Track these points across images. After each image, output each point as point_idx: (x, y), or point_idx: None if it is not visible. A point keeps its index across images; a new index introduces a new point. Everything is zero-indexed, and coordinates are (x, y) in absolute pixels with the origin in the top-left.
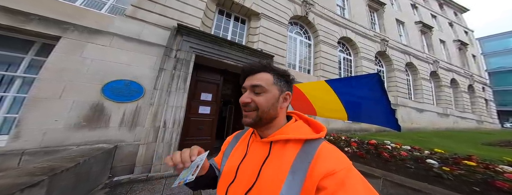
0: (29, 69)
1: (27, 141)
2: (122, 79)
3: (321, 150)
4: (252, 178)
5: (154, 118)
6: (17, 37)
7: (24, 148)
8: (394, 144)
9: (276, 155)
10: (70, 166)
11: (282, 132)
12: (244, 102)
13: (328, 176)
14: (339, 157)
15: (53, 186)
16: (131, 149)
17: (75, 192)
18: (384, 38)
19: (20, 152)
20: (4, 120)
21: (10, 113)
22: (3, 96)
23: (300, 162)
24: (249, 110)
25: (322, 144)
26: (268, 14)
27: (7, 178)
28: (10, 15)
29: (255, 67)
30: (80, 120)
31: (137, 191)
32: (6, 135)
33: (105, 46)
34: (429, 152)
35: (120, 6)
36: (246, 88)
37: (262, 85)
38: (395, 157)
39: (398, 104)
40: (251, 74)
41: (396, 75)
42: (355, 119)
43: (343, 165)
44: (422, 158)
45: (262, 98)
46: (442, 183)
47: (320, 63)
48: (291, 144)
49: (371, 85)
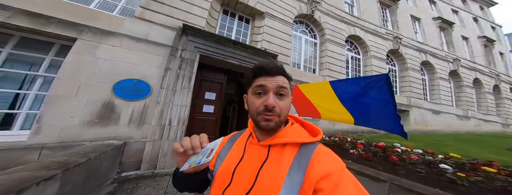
0: (50, 68)
1: (47, 136)
2: (131, 78)
3: (317, 153)
4: (250, 182)
5: (160, 116)
6: (39, 39)
7: (44, 142)
8: (405, 147)
9: (274, 158)
10: (82, 161)
11: (281, 135)
12: (272, 106)
13: (324, 178)
14: (333, 159)
15: (66, 180)
16: (138, 146)
17: (86, 186)
18: (397, 35)
19: (40, 146)
20: (27, 116)
21: (32, 110)
22: (26, 93)
23: (298, 165)
24: (273, 115)
25: (318, 147)
26: (273, 13)
27: (26, 171)
28: (32, 18)
29: (276, 68)
30: (93, 117)
31: (143, 187)
32: (28, 130)
33: (116, 46)
34: (443, 157)
35: (130, 7)
36: (269, 88)
37: (288, 88)
38: (405, 160)
39: (411, 105)
40: (271, 75)
41: (410, 75)
42: (362, 123)
43: (337, 167)
44: (435, 162)
45: (285, 102)
46: (455, 189)
47: (326, 63)
48: (288, 148)
49: (380, 86)
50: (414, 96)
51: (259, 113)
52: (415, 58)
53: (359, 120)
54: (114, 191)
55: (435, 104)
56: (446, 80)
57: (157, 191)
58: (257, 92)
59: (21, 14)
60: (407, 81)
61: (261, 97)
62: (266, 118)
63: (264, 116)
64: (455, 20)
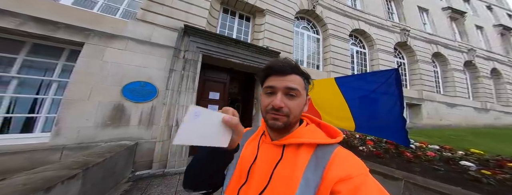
0: (63, 73)
1: (66, 137)
2: (138, 81)
3: (336, 155)
4: (264, 181)
5: (168, 117)
6: (49, 44)
7: (64, 144)
8: (419, 143)
9: (289, 158)
10: (99, 161)
11: (296, 135)
12: (278, 107)
13: (343, 181)
14: (355, 162)
15: (86, 179)
16: (149, 146)
17: (104, 185)
18: (405, 28)
19: (61, 147)
20: (46, 119)
21: (50, 113)
22: (43, 98)
23: (314, 166)
24: (280, 115)
25: (337, 149)
26: (273, 10)
27: (51, 171)
28: (41, 24)
29: (288, 67)
30: (106, 119)
31: (155, 186)
32: (48, 133)
33: (122, 49)
34: (463, 153)
35: (132, 10)
36: (277, 89)
37: (298, 89)
38: (420, 157)
39: (423, 98)
40: (282, 74)
41: (421, 67)
42: (364, 130)
43: (360, 171)
44: (454, 159)
45: (295, 103)
46: (480, 188)
47: (330, 58)
48: (304, 148)
49: (389, 83)
50: (426, 89)
51: (267, 111)
52: (425, 50)
53: (360, 126)
54: (130, 189)
55: (450, 97)
56: (461, 71)
57: (168, 189)
58: (268, 92)
59: (30, 21)
60: (417, 74)
61: (270, 97)
62: (273, 117)
63: (271, 115)
64: (467, 9)
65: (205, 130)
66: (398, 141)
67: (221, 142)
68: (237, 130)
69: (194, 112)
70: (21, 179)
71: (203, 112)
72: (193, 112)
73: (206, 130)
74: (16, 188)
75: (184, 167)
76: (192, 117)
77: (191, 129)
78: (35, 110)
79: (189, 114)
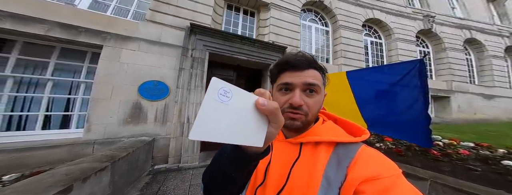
0: (88, 75)
1: (95, 133)
2: (152, 80)
3: (361, 153)
4: (281, 181)
5: (179, 114)
6: (75, 48)
7: (95, 139)
8: (448, 140)
9: (307, 157)
10: (124, 155)
11: (313, 133)
12: (298, 104)
13: (370, 180)
14: (386, 162)
15: (114, 171)
16: (165, 142)
17: (129, 177)
18: (428, 14)
19: (92, 142)
20: (79, 117)
21: (81, 111)
22: (75, 98)
23: (336, 165)
24: (299, 113)
25: (362, 147)
26: (278, 3)
27: (85, 163)
28: (66, 29)
29: (305, 61)
30: (126, 117)
31: (171, 179)
32: (82, 129)
33: (135, 50)
34: (505, 151)
35: (141, 11)
36: (295, 85)
37: (318, 85)
38: (450, 155)
39: (453, 90)
40: (300, 69)
41: (449, 56)
42: (377, 129)
43: (391, 172)
44: (494, 158)
45: (314, 100)
46: None
47: (341, 50)
48: (322, 147)
49: (412, 75)
50: (457, 79)
51: (284, 110)
52: (456, 37)
53: (373, 125)
54: (150, 182)
55: (486, 88)
56: (501, 58)
57: (183, 183)
58: (283, 89)
59: (56, 27)
60: (446, 63)
61: (286, 94)
62: (291, 116)
63: (289, 114)
64: None
65: (233, 119)
66: (418, 142)
67: (255, 139)
68: (277, 120)
69: (220, 90)
70: (64, 170)
71: (234, 90)
72: (217, 90)
73: (233, 120)
74: (61, 178)
75: (196, 162)
76: (216, 97)
77: (212, 117)
78: (69, 108)
79: (212, 93)
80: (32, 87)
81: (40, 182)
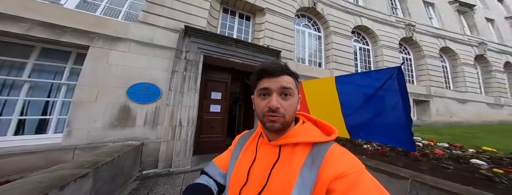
0: (71, 76)
1: (77, 138)
2: (142, 82)
3: (331, 152)
4: (262, 181)
5: (171, 117)
6: (57, 48)
7: (75, 144)
8: (427, 141)
9: (286, 158)
10: (108, 160)
11: (291, 135)
12: (275, 107)
13: (338, 178)
14: (350, 159)
15: (97, 177)
16: (154, 146)
17: (114, 183)
18: (410, 23)
19: (73, 147)
20: (58, 120)
21: (61, 115)
22: (54, 101)
23: (310, 165)
24: (277, 116)
25: (332, 146)
26: (273, 9)
27: (64, 170)
28: (49, 29)
29: (279, 68)
30: (113, 120)
31: (161, 185)
32: (61, 134)
33: (125, 52)
34: (474, 151)
35: (133, 12)
36: (272, 90)
37: (292, 88)
38: (428, 155)
39: (431, 95)
40: (275, 75)
41: (428, 63)
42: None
43: (355, 168)
44: (465, 157)
45: (289, 103)
46: (492, 187)
47: (333, 55)
48: (300, 148)
49: (390, 83)
50: (434, 84)
51: (264, 114)
52: (433, 45)
53: (356, 133)
54: (138, 188)
55: (460, 93)
56: (472, 66)
57: (173, 188)
58: (262, 94)
59: (38, 26)
60: (425, 69)
61: (265, 99)
62: (270, 119)
63: (268, 117)
64: (476, 1)
65: None
66: (402, 145)
67: None
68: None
69: None
70: (38, 177)
71: None
72: None
73: None
74: (34, 185)
75: (188, 166)
76: None
77: None
78: (47, 112)
79: None
80: (6, 89)
81: (9, 191)
